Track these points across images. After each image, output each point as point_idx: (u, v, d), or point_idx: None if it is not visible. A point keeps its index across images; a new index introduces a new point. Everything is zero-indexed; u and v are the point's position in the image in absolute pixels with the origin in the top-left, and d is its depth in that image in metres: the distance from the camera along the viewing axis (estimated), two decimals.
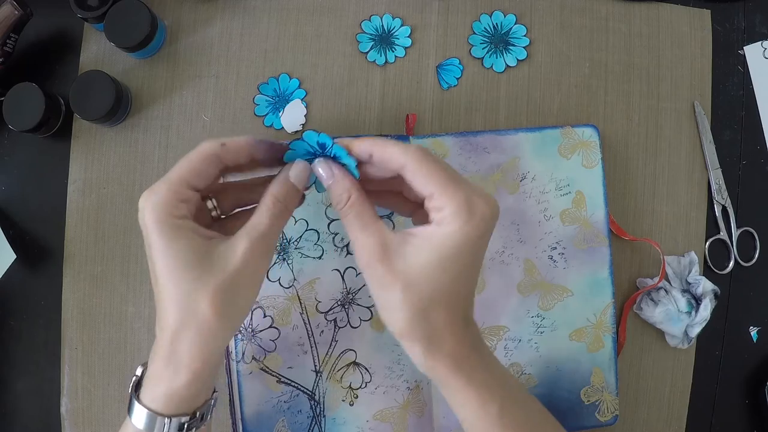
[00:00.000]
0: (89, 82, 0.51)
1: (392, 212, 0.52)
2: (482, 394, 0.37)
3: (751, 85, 0.59)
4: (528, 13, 0.58)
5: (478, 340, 0.39)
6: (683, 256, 0.56)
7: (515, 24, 0.57)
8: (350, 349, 0.52)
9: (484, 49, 0.57)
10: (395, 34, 0.57)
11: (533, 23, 0.57)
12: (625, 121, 0.57)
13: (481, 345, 0.39)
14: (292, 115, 0.55)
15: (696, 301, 0.55)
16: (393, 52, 0.57)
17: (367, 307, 0.52)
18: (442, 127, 0.56)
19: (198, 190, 0.37)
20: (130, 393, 0.38)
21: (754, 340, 0.58)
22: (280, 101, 0.56)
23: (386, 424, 0.51)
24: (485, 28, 0.57)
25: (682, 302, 0.54)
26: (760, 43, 0.59)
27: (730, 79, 0.59)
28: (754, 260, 0.58)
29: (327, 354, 0.51)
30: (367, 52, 0.57)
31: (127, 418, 0.37)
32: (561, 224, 0.54)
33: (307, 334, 0.51)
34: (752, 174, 0.59)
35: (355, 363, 0.51)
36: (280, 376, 0.51)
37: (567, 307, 0.53)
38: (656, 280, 0.54)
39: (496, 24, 0.57)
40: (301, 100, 0.56)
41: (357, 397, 0.51)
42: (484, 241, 0.37)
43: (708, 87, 0.58)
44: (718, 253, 0.58)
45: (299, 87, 0.56)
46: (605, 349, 0.54)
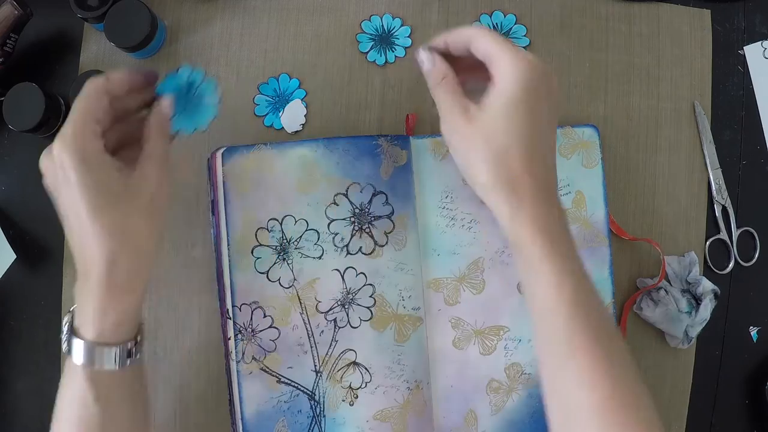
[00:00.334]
0: None
1: (392, 213, 0.52)
2: (559, 273, 0.38)
3: (751, 85, 0.59)
4: (528, 13, 0.58)
5: (563, 213, 0.41)
6: (683, 256, 0.56)
7: (515, 24, 0.57)
8: (350, 349, 0.52)
9: None
10: (395, 34, 0.57)
11: (533, 23, 0.57)
12: (625, 121, 0.57)
13: (565, 220, 0.41)
14: (292, 115, 0.55)
15: (696, 301, 0.55)
16: (393, 52, 0.57)
17: (367, 307, 0.52)
18: None
19: (99, 122, 0.39)
20: (67, 336, 0.39)
21: (754, 340, 0.58)
22: (280, 101, 0.56)
23: (386, 424, 0.51)
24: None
25: (682, 302, 0.54)
26: (760, 43, 0.59)
27: (730, 79, 0.59)
28: (754, 260, 0.58)
29: (327, 354, 0.51)
30: (367, 52, 0.57)
31: (68, 362, 0.39)
32: None
33: (307, 334, 0.51)
34: (752, 174, 0.59)
35: (355, 363, 0.51)
36: (280, 376, 0.51)
37: None
38: (656, 280, 0.54)
39: (496, 24, 0.57)
40: (301, 100, 0.56)
41: (357, 397, 0.51)
42: (541, 89, 0.39)
43: (708, 87, 0.58)
44: (718, 253, 0.58)
45: (299, 87, 0.56)
46: None
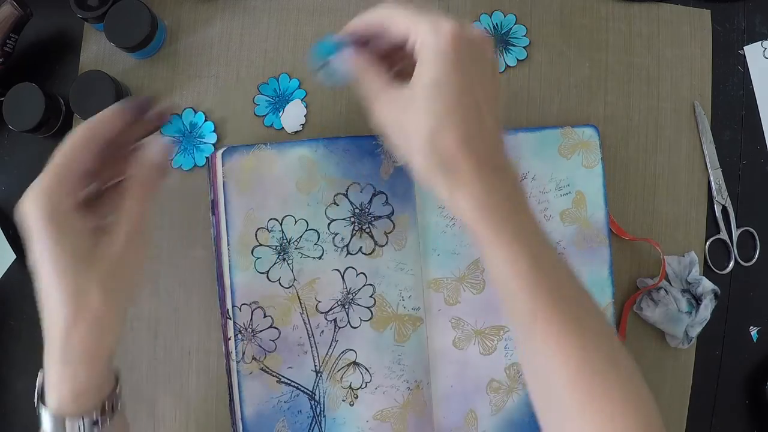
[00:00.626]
0: (89, 82, 0.51)
1: (392, 213, 0.52)
2: (511, 250, 0.36)
3: (751, 85, 0.59)
4: (528, 13, 0.58)
5: (512, 189, 0.38)
6: (683, 256, 0.56)
7: (515, 24, 0.57)
8: (350, 349, 0.52)
9: None
10: None
11: (533, 23, 0.57)
12: (625, 121, 0.57)
13: (517, 194, 0.38)
14: (292, 115, 0.55)
15: (696, 301, 0.55)
16: None
17: (367, 307, 0.52)
18: None
19: (81, 176, 0.37)
20: (36, 401, 0.37)
21: (754, 340, 0.58)
22: (280, 101, 0.55)
23: (386, 424, 0.51)
24: (485, 28, 0.57)
25: (683, 302, 0.54)
26: (760, 43, 0.59)
27: (730, 79, 0.59)
28: (754, 260, 0.58)
29: (327, 354, 0.51)
30: None
31: (40, 429, 0.37)
32: (561, 224, 0.54)
33: (307, 334, 0.51)
34: (752, 174, 0.59)
35: (355, 363, 0.51)
36: (280, 376, 0.51)
37: None
38: (656, 280, 0.54)
39: (496, 24, 0.57)
40: (301, 100, 0.56)
41: (357, 397, 0.51)
42: (468, 56, 0.36)
43: (708, 87, 0.58)
44: (718, 253, 0.58)
45: (299, 87, 0.56)
46: None
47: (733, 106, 0.59)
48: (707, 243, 0.57)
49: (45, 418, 0.36)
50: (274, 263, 0.51)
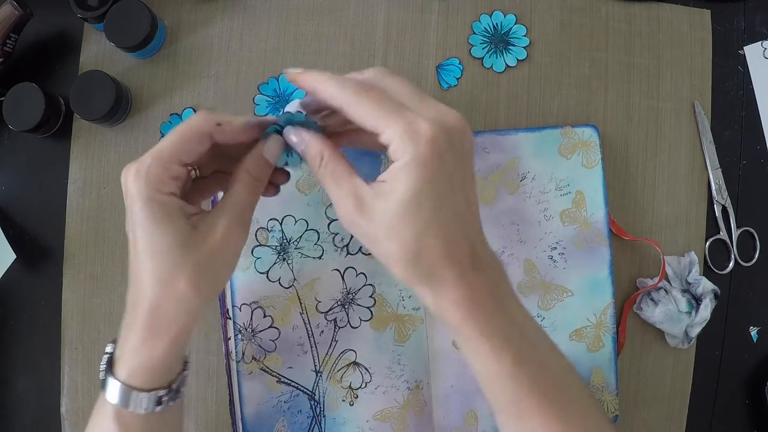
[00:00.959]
0: (89, 82, 0.51)
1: None
2: (494, 347, 0.35)
3: (751, 85, 0.59)
4: (528, 13, 0.58)
5: (495, 283, 0.37)
6: (683, 256, 0.56)
7: (515, 24, 0.57)
8: (350, 349, 0.52)
9: (484, 49, 0.57)
10: None
11: (533, 23, 0.57)
12: (625, 121, 0.57)
13: (500, 289, 0.37)
14: None
15: (696, 301, 0.55)
16: None
17: (367, 307, 0.52)
18: None
19: (186, 165, 0.37)
20: (104, 369, 0.38)
21: (754, 340, 0.58)
22: (280, 101, 0.55)
23: (386, 424, 0.51)
24: (485, 28, 0.57)
25: (682, 302, 0.54)
26: (760, 43, 0.59)
27: (730, 79, 0.59)
28: (754, 260, 0.58)
29: (327, 354, 0.51)
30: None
31: (101, 395, 0.38)
32: (561, 224, 0.54)
33: (307, 334, 0.51)
34: (752, 174, 0.59)
35: (355, 363, 0.51)
36: (280, 376, 0.51)
37: (567, 307, 0.53)
38: (656, 280, 0.54)
39: (496, 24, 0.57)
40: (303, 98, 0.55)
41: (357, 397, 0.51)
42: (448, 163, 0.34)
43: (708, 87, 0.58)
44: (718, 253, 0.58)
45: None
46: (605, 349, 0.54)
47: (733, 106, 0.59)
48: (707, 243, 0.57)
49: (112, 386, 0.37)
50: (274, 263, 0.51)
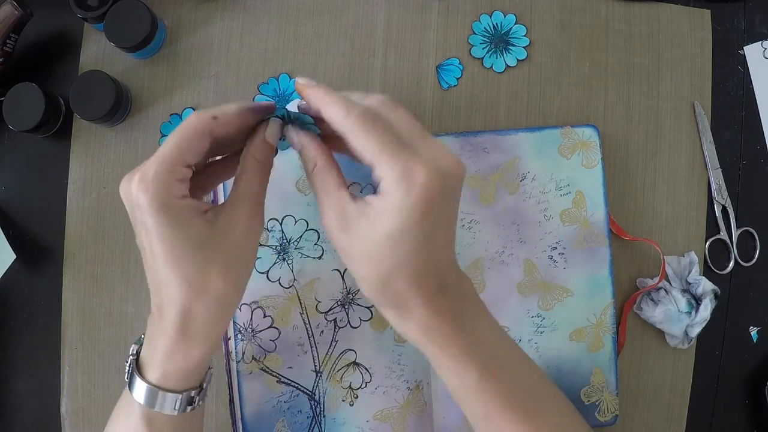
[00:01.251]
0: (89, 82, 0.51)
1: None
2: (459, 363, 0.36)
3: (751, 85, 0.59)
4: (528, 13, 0.58)
5: (459, 304, 0.37)
6: (683, 256, 0.56)
7: (515, 24, 0.57)
8: (350, 349, 0.52)
9: (484, 49, 0.57)
10: None
11: (533, 23, 0.57)
12: (625, 121, 0.57)
13: (465, 307, 0.37)
14: None
15: (696, 301, 0.55)
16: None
17: (367, 307, 0.52)
18: (441, 127, 0.56)
19: (190, 165, 0.36)
20: (130, 371, 0.38)
21: (754, 340, 0.58)
22: (280, 101, 0.55)
23: (386, 424, 0.51)
24: (485, 28, 0.57)
25: (682, 302, 0.54)
26: (760, 43, 0.59)
27: (730, 79, 0.59)
28: (754, 260, 0.58)
29: (327, 354, 0.51)
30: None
31: (125, 395, 0.37)
32: (561, 224, 0.54)
33: (307, 334, 0.51)
34: (752, 174, 0.59)
35: (355, 363, 0.51)
36: (280, 376, 0.51)
37: (567, 307, 0.53)
38: (656, 280, 0.54)
39: (496, 24, 0.57)
40: (301, 100, 0.55)
41: (357, 397, 0.51)
42: (437, 207, 0.34)
43: (708, 87, 0.58)
44: (718, 253, 0.58)
45: None
46: (605, 349, 0.54)
47: (733, 106, 0.59)
48: (707, 243, 0.57)
49: (139, 388, 0.37)
50: (274, 263, 0.51)
